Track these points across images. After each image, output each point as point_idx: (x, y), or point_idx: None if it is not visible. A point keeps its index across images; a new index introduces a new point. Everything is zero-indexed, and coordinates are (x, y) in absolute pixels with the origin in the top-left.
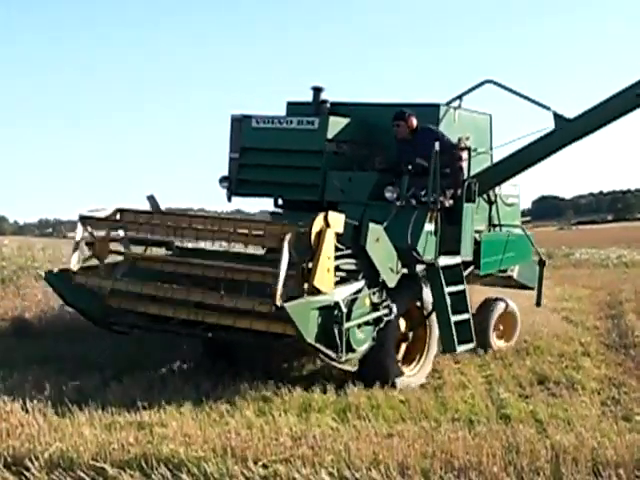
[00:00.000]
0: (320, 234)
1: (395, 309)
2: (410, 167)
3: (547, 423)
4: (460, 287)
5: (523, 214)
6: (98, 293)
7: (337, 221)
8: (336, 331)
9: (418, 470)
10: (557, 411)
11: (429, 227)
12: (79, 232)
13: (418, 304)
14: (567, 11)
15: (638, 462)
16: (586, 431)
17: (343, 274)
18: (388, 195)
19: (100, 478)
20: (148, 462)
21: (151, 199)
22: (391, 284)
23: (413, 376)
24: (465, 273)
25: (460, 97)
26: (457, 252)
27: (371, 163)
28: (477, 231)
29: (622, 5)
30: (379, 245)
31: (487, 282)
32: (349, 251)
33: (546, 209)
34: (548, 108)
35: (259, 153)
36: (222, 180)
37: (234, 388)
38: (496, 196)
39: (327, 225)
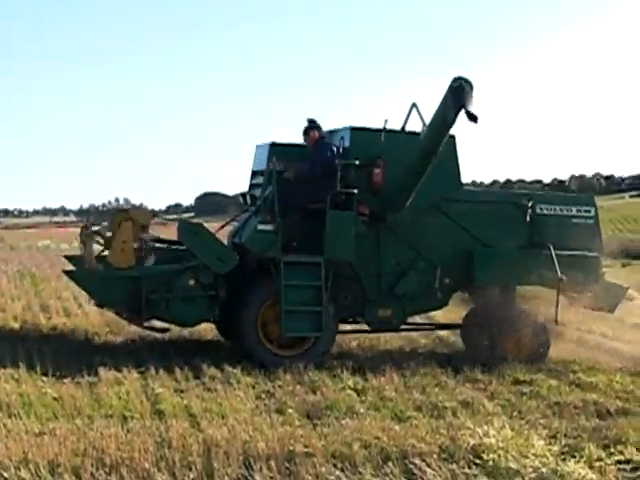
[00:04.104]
0: (120, 224)
1: (224, 293)
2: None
3: (201, 417)
4: (316, 282)
5: (187, 210)
6: None
7: (139, 216)
8: (138, 298)
9: (69, 468)
10: (211, 405)
11: (262, 227)
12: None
13: None
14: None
15: (289, 454)
16: (239, 424)
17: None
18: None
19: None
20: None
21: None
22: (220, 271)
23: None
24: None
25: (403, 127)
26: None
27: None
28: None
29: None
30: (198, 239)
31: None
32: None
33: (210, 205)
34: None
35: None
36: None
37: None
38: (533, 214)
39: (129, 218)
